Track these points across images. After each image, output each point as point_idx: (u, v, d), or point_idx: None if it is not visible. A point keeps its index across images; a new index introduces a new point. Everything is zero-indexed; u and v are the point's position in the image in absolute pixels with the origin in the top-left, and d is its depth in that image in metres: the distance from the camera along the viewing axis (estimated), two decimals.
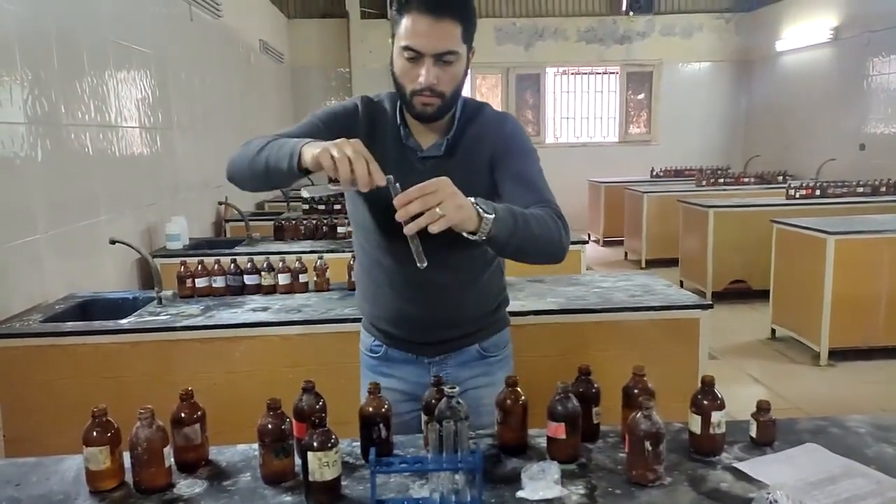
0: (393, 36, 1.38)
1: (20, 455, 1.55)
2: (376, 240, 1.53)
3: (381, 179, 1.20)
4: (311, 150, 1.23)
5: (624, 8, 9.18)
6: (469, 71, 1.45)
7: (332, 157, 1.18)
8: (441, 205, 1.15)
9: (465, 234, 1.23)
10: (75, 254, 3.02)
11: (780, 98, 8.83)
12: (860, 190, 6.02)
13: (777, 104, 8.89)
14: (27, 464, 1.39)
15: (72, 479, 1.31)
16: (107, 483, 1.26)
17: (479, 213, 1.21)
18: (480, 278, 1.47)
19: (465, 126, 1.48)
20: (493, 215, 1.22)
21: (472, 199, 1.22)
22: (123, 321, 2.46)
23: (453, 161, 1.46)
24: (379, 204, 1.45)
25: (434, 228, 1.15)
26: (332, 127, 1.47)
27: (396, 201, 1.16)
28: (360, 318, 1.75)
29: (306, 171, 1.28)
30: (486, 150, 1.47)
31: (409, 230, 1.17)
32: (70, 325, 2.46)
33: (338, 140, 1.21)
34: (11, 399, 2.31)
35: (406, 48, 1.33)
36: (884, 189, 6.01)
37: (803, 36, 8.13)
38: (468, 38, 1.39)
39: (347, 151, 1.18)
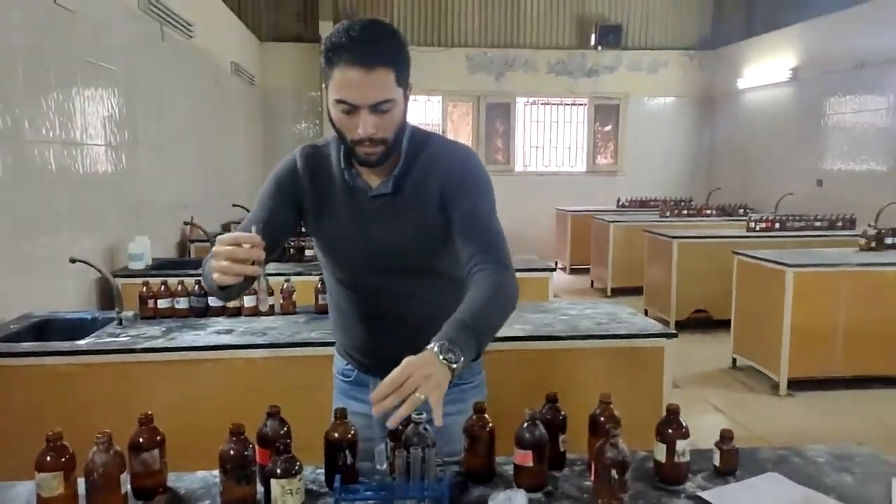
0: (326, 87, 1.34)
1: None
2: (338, 276, 1.55)
3: (256, 255, 1.23)
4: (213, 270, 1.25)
5: (592, 42, 9.42)
6: (406, 110, 1.41)
7: (219, 275, 1.22)
8: (418, 389, 1.10)
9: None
10: (33, 272, 2.94)
11: (741, 133, 9.11)
12: (817, 224, 6.21)
13: (738, 139, 9.17)
14: None
15: None
16: None
17: (450, 368, 1.17)
18: (448, 308, 1.36)
19: (412, 161, 1.45)
20: (461, 359, 1.18)
21: (435, 351, 1.16)
22: (81, 342, 2.39)
23: (401, 197, 1.45)
24: (331, 245, 1.51)
25: (409, 412, 1.10)
26: (280, 195, 1.50)
27: (372, 398, 1.11)
28: (328, 342, 1.71)
29: (223, 288, 1.31)
30: (435, 185, 1.44)
31: (391, 424, 1.12)
32: (25, 346, 2.38)
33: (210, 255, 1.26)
34: None
35: (340, 101, 1.30)
36: (840, 224, 6.21)
37: (764, 75, 8.43)
38: (403, 80, 1.35)
39: (213, 264, 1.23)
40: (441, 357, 1.16)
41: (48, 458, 1.20)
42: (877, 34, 6.56)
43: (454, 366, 1.17)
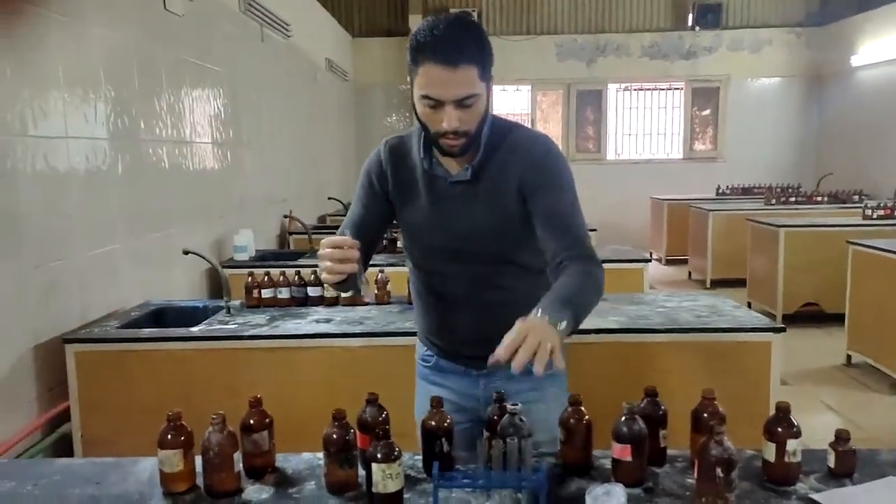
0: (412, 83, 1.40)
1: (95, 455, 1.62)
2: (418, 262, 1.62)
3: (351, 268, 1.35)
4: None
5: (690, 23, 9.02)
6: (490, 102, 1.45)
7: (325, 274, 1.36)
8: (541, 344, 1.14)
9: None
10: (150, 263, 3.16)
11: (854, 115, 8.47)
12: None
13: (852, 121, 8.53)
14: (106, 464, 1.46)
15: (146, 480, 1.36)
16: (179, 485, 1.30)
17: (557, 328, 1.21)
18: (528, 296, 1.39)
19: (492, 150, 1.48)
20: (564, 325, 1.23)
21: (539, 316, 1.21)
22: (195, 329, 2.55)
23: (480, 186, 1.49)
24: (412, 231, 1.58)
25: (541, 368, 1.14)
26: (371, 189, 1.59)
27: (496, 359, 1.17)
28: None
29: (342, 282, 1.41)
30: (514, 175, 1.47)
31: (516, 368, 1.15)
32: (146, 332, 2.56)
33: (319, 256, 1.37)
34: (89, 401, 2.42)
35: (425, 97, 1.35)
36: None
37: (880, 51, 7.79)
38: (486, 75, 1.38)
39: (320, 266, 1.36)
40: (548, 320, 1.20)
41: (169, 437, 1.29)
42: None
43: (560, 327, 1.21)
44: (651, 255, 8.20)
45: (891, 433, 3.51)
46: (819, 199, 7.18)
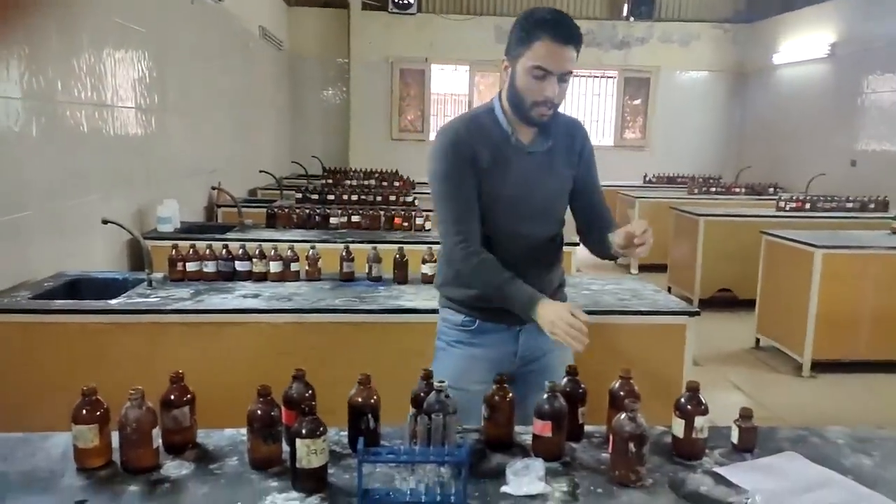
0: (515, 55, 1.62)
1: (3, 430, 1.54)
2: (496, 231, 1.74)
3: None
4: (546, 318, 1.57)
5: (624, 13, 9.22)
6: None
7: (561, 332, 1.53)
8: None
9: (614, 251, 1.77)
10: (65, 232, 3.01)
11: (774, 111, 8.90)
12: (849, 205, 6.08)
13: (771, 116, 8.96)
14: (12, 439, 1.40)
15: (59, 456, 1.32)
16: (94, 461, 1.27)
17: None
18: (559, 260, 1.88)
19: (556, 125, 1.75)
20: None
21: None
22: (112, 301, 2.45)
23: (553, 156, 1.76)
24: (492, 197, 1.71)
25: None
26: (468, 173, 1.68)
27: (640, 239, 1.65)
28: (354, 310, 2.13)
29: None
30: (576, 149, 1.80)
31: (643, 252, 1.70)
32: (58, 303, 2.45)
33: (561, 320, 1.54)
34: None
35: (537, 68, 1.58)
36: (872, 205, 6.08)
37: (800, 50, 8.19)
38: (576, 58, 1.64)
39: (569, 332, 1.53)
40: None
41: (84, 412, 1.25)
42: None
43: None
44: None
45: (793, 412, 3.75)
46: (737, 190, 7.52)
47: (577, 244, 4.04)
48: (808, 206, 6.01)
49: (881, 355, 4.31)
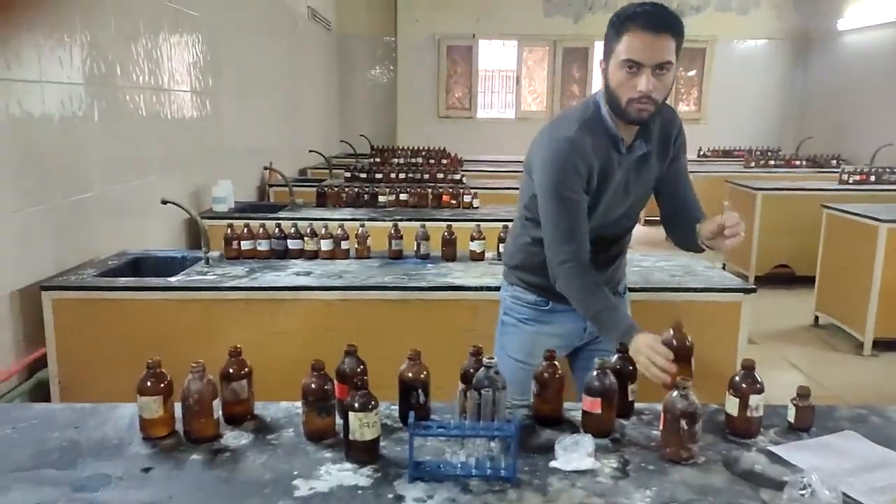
0: (608, 56, 1.56)
1: (75, 400, 1.63)
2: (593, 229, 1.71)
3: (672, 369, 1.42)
4: (636, 349, 1.46)
5: None
6: (674, 81, 1.63)
7: (647, 368, 1.42)
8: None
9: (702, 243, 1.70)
10: (127, 212, 3.12)
11: (838, 79, 8.49)
12: None
13: (835, 85, 8.56)
14: (84, 409, 1.47)
15: (125, 426, 1.39)
16: (159, 430, 1.33)
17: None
18: (625, 256, 1.89)
19: (656, 124, 1.68)
20: None
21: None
22: (172, 279, 2.54)
23: (651, 154, 1.71)
24: (605, 208, 1.69)
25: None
26: (580, 189, 1.63)
27: (733, 230, 1.52)
28: (402, 287, 2.20)
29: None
30: (672, 141, 1.74)
31: (733, 243, 1.56)
32: (122, 281, 2.56)
33: (652, 355, 1.42)
34: (66, 349, 2.42)
35: (627, 61, 1.50)
36: None
37: (867, 15, 7.78)
38: (679, 51, 1.54)
39: (655, 372, 1.41)
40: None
41: (148, 384, 1.31)
42: None
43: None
44: None
45: (852, 392, 3.64)
46: (798, 162, 7.25)
47: None
48: (872, 178, 5.74)
49: None
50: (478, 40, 9.21)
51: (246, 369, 1.39)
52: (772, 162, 7.21)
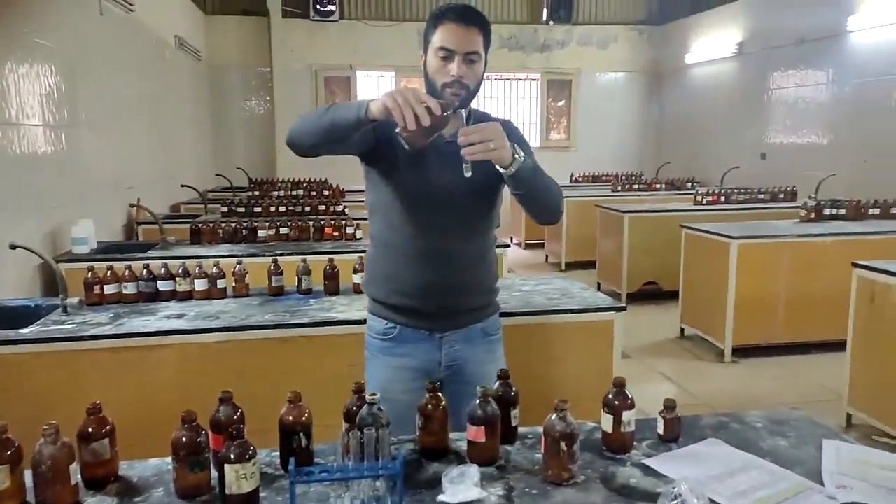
0: (426, 46, 1.71)
1: None
2: (402, 215, 1.73)
3: (437, 109, 1.44)
4: (377, 101, 1.49)
5: (544, 17, 9.43)
6: (483, 76, 1.73)
7: (395, 101, 1.43)
8: (493, 141, 1.49)
9: (498, 168, 1.56)
10: None
11: (689, 108, 9.29)
12: (761, 196, 6.41)
13: (686, 114, 9.35)
14: None
15: None
16: (6, 503, 1.19)
17: (514, 154, 1.55)
18: (487, 254, 1.84)
19: (479, 122, 1.67)
20: (523, 158, 1.56)
21: (511, 143, 1.54)
22: (25, 330, 2.32)
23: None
24: (409, 177, 1.71)
25: (481, 157, 1.49)
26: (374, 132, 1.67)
27: (462, 131, 1.49)
28: (284, 324, 2.06)
29: (372, 120, 1.52)
30: None
31: (466, 152, 1.48)
32: None
33: (400, 88, 1.48)
34: None
35: (441, 48, 1.65)
36: (782, 196, 6.43)
37: (710, 50, 8.59)
38: (486, 46, 1.70)
39: (407, 96, 1.43)
40: (512, 145, 1.54)
41: None
42: (817, 11, 6.75)
43: (516, 156, 1.54)
44: (511, 240, 8.56)
45: (718, 397, 3.92)
46: (658, 186, 7.81)
47: (507, 246, 4.13)
48: (723, 198, 6.30)
49: (796, 337, 4.56)
50: (355, 71, 9.25)
51: (107, 427, 1.28)
52: (635, 186, 7.73)
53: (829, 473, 1.33)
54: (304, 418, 1.33)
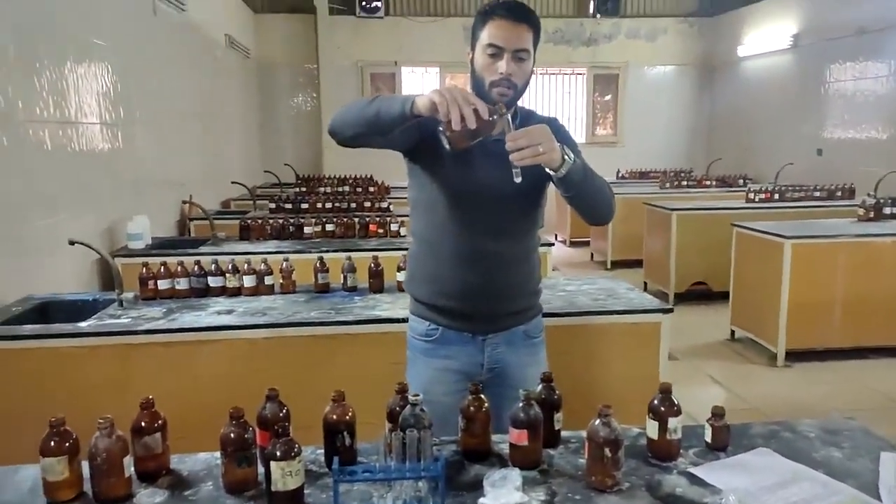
0: (474, 42, 1.68)
1: None
2: (446, 215, 1.72)
3: (485, 113, 1.44)
4: (423, 97, 1.47)
5: (591, 10, 9.30)
6: (532, 73, 1.71)
7: (444, 98, 1.41)
8: (541, 144, 1.46)
9: (548, 170, 1.54)
10: (33, 254, 2.95)
11: (741, 102, 9.04)
12: (817, 194, 6.19)
13: (739, 108, 9.09)
14: None
15: (27, 490, 1.29)
16: (65, 494, 1.24)
17: (563, 155, 1.52)
18: (531, 255, 1.81)
19: (525, 120, 1.70)
20: (573, 160, 1.53)
21: (560, 145, 1.51)
22: (83, 324, 2.41)
23: None
24: (454, 175, 1.69)
25: (530, 162, 1.46)
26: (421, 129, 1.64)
27: (509, 136, 1.46)
28: (329, 322, 2.09)
29: (417, 116, 1.50)
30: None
31: (515, 157, 1.46)
32: (27, 328, 2.40)
33: (448, 86, 1.44)
34: None
35: (490, 45, 1.62)
36: (839, 194, 6.20)
37: (764, 42, 8.33)
38: (535, 43, 1.68)
39: (456, 96, 1.42)
40: (561, 146, 1.51)
41: (52, 444, 1.23)
42: (877, 0, 6.47)
43: (566, 158, 1.52)
44: (556, 238, 8.49)
45: (768, 402, 3.81)
46: (708, 183, 7.63)
47: (552, 244, 4.09)
48: (776, 196, 6.11)
49: (852, 342, 4.40)
50: (400, 67, 9.30)
51: (159, 421, 1.32)
52: (685, 183, 7.56)
53: (888, 488, 1.28)
54: (347, 417, 1.35)
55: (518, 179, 1.49)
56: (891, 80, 6.38)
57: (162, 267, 2.75)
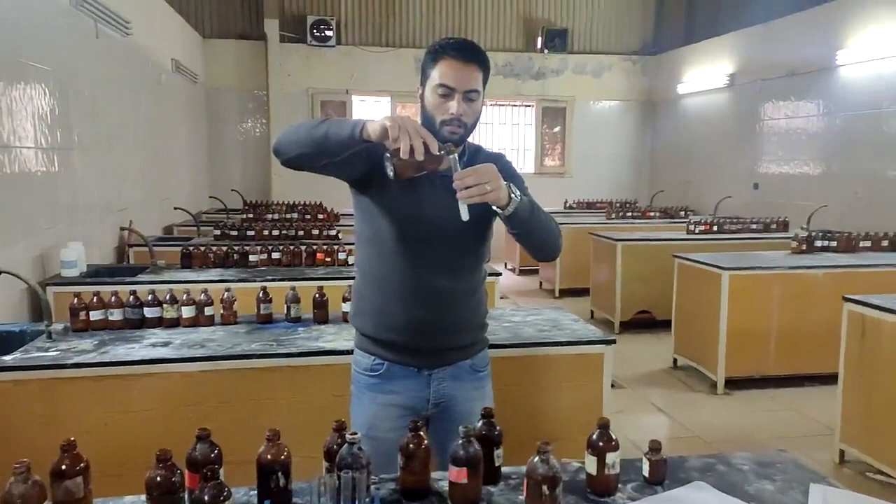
0: (424, 80, 1.69)
1: None
2: (393, 248, 1.70)
3: (434, 149, 1.44)
4: (375, 123, 1.47)
5: (539, 46, 9.54)
6: (480, 113, 1.73)
7: (396, 126, 1.42)
8: (489, 183, 1.48)
9: (495, 208, 1.56)
10: None
11: (682, 137, 9.37)
12: (753, 226, 6.43)
13: (679, 143, 9.43)
14: None
15: None
16: None
17: (510, 193, 1.54)
18: (478, 291, 1.81)
19: (472, 156, 1.76)
20: (519, 198, 1.56)
21: (506, 183, 1.53)
22: (7, 357, 2.29)
23: None
24: (401, 209, 1.69)
25: (478, 200, 1.48)
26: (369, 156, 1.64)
27: (457, 175, 1.47)
28: (271, 354, 2.02)
29: (367, 141, 1.50)
30: None
31: (462, 196, 1.47)
32: None
33: (401, 115, 1.47)
34: None
35: (441, 85, 1.63)
36: (774, 226, 6.46)
37: (702, 80, 8.69)
38: (485, 82, 1.69)
39: (408, 126, 1.43)
40: (507, 184, 1.54)
41: None
42: (807, 44, 6.84)
43: (512, 196, 1.54)
44: (506, 266, 8.56)
45: (709, 429, 3.89)
46: (652, 214, 7.84)
47: (499, 274, 4.11)
48: (715, 228, 6.32)
49: (788, 370, 4.54)
50: (351, 96, 9.32)
51: (81, 464, 1.25)
52: (629, 213, 7.75)
53: None
54: (282, 457, 1.31)
55: (465, 217, 1.50)
56: (821, 119, 6.73)
57: (95, 297, 2.65)
